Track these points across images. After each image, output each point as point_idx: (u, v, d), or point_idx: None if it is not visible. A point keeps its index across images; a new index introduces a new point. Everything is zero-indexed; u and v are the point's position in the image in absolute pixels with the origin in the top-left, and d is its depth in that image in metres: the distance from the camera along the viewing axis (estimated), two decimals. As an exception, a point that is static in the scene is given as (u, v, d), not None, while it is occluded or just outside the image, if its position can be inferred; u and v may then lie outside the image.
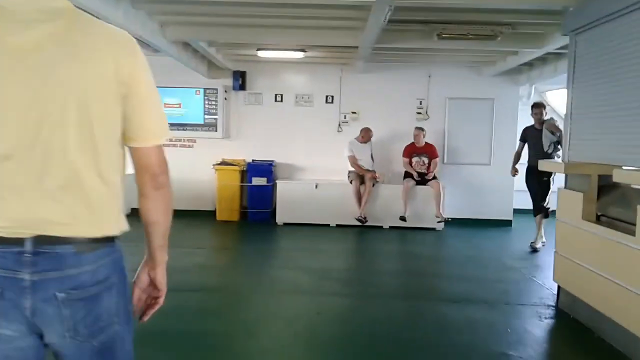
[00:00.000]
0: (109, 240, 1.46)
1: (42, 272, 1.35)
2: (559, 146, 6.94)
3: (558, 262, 4.83)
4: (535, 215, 7.49)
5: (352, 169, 8.80)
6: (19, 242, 1.33)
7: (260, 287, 5.48)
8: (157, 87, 1.52)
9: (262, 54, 7.91)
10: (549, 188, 7.21)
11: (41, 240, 1.34)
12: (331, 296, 5.20)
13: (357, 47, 7.17)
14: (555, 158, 6.99)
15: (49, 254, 1.35)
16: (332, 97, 9.40)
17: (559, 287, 4.92)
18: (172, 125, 8.76)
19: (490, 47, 6.76)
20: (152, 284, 1.65)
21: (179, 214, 8.41)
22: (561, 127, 6.90)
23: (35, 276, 1.34)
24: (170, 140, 9.55)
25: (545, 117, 7.36)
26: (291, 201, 8.84)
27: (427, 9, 5.65)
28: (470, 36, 6.02)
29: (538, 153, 7.09)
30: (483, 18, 5.90)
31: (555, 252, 4.88)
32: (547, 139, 7.12)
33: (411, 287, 5.70)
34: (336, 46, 7.60)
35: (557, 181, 6.99)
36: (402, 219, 8.45)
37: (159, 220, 1.58)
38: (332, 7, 5.67)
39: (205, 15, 6.22)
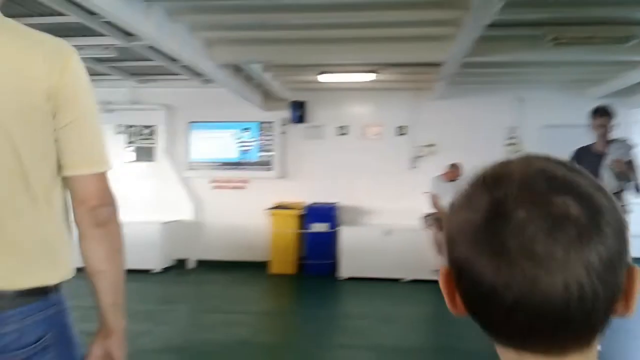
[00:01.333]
0: (42, 292, 1.21)
1: None
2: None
3: None
4: None
5: (431, 211, 7.43)
6: None
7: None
8: (205, 121, 1.04)
9: (324, 78, 6.73)
10: None
11: None
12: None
13: (439, 65, 5.93)
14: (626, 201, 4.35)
15: None
16: (404, 127, 8.12)
17: None
18: (223, 164, 7.76)
19: (619, 55, 5.31)
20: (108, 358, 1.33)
21: (227, 267, 6.09)
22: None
23: None
24: (221, 181, 8.59)
25: (613, 137, 4.55)
26: (357, 251, 7.49)
27: (543, 3, 4.32)
28: (597, 40, 4.64)
29: None
30: (612, 14, 4.54)
31: None
32: (608, 177, 4.38)
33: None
34: (413, 64, 6.35)
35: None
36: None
37: (104, 268, 1.29)
38: (418, 6, 4.44)
39: (261, 28, 5.12)
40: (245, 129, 8.22)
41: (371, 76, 6.59)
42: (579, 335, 0.58)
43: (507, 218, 0.56)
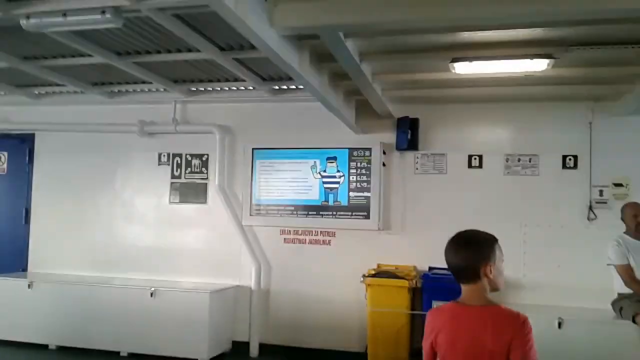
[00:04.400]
0: None
1: None
2: None
3: None
4: None
5: (624, 290, 4.63)
6: None
7: None
8: (274, 148, 3.26)
9: (462, 68, 4.08)
10: None
11: None
12: None
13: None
14: None
15: None
16: (574, 158, 5.38)
17: None
18: (298, 208, 4.75)
19: None
20: None
21: (304, 356, 5.86)
22: None
23: None
24: (295, 232, 6.14)
25: None
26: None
27: None
28: None
29: None
30: None
31: None
32: None
33: None
34: (618, 42, 3.66)
35: None
36: None
37: None
38: None
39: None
40: (331, 158, 5.80)
41: (542, 64, 3.89)
42: (468, 278, 2.09)
43: (449, 244, 2.15)
